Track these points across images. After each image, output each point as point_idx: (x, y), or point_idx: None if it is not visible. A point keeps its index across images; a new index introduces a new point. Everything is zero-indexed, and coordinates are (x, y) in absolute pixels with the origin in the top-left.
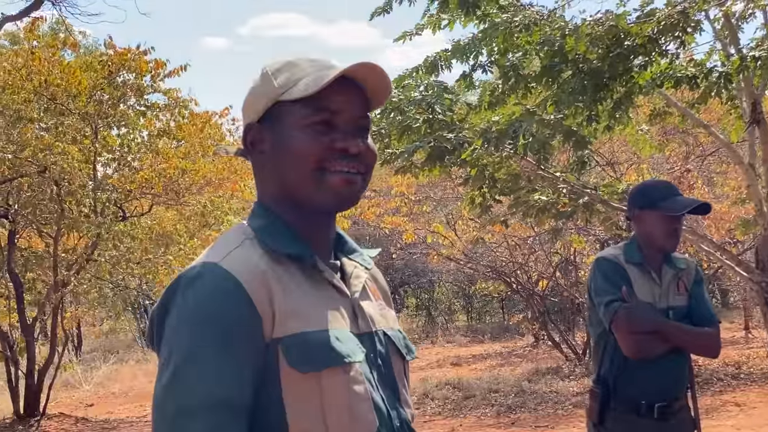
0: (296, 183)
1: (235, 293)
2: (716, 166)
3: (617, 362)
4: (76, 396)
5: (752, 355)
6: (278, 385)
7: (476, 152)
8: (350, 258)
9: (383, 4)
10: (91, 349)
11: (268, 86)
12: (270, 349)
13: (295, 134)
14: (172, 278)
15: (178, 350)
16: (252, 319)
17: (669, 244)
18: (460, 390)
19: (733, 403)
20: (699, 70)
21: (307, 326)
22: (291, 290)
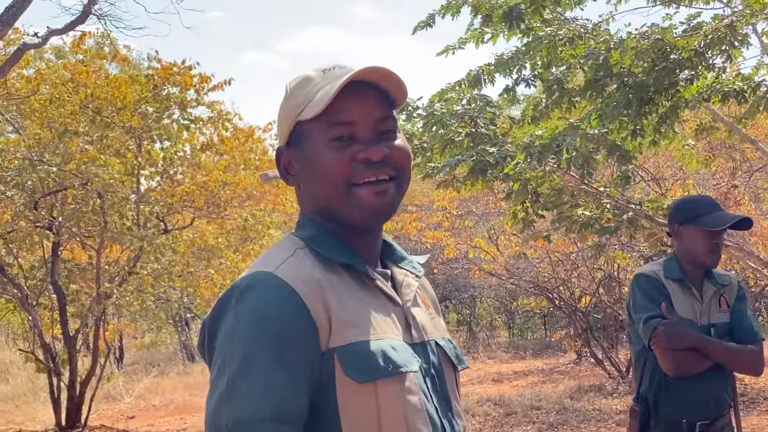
0: (329, 201)
1: (290, 302)
2: (763, 182)
3: (657, 380)
4: (118, 408)
5: None
6: (334, 395)
7: (519, 166)
8: (400, 266)
9: (426, 18)
10: (132, 362)
11: (289, 107)
12: (326, 359)
13: (318, 153)
14: (215, 292)
15: (232, 361)
16: (308, 328)
17: (710, 260)
18: (502, 407)
19: None
20: (747, 84)
21: (362, 336)
22: (345, 299)
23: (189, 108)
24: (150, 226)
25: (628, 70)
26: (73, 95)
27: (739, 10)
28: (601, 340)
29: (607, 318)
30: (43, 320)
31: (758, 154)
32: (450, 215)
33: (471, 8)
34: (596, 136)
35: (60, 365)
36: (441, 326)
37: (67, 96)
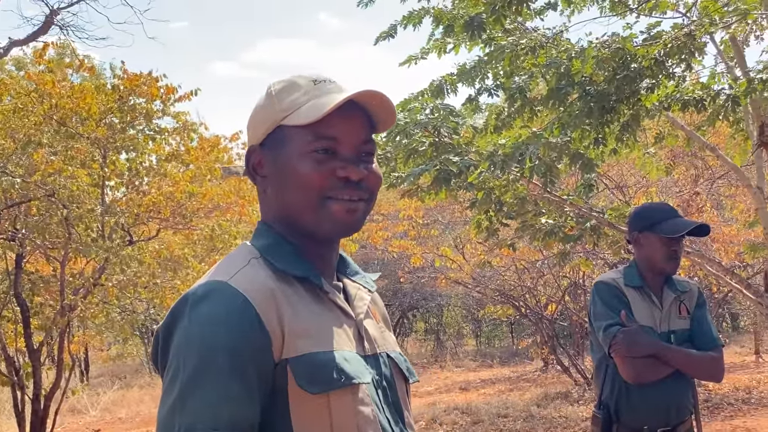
0: (298, 210)
1: (244, 312)
2: (725, 189)
3: (618, 387)
4: (83, 421)
5: (763, 380)
6: (286, 405)
7: (482, 175)
8: (353, 280)
9: (388, 28)
10: (98, 374)
11: (271, 108)
12: (279, 369)
13: (298, 161)
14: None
15: (185, 369)
16: (261, 338)
17: (669, 267)
18: (469, 415)
19: (744, 428)
20: (706, 92)
21: (315, 347)
22: (299, 310)
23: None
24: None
25: (590, 79)
26: (38, 105)
27: (698, 20)
28: (567, 348)
29: (573, 325)
30: (6, 333)
31: (719, 162)
32: (416, 224)
33: (432, 19)
34: (559, 144)
35: (24, 378)
36: (392, 340)
37: (31, 106)
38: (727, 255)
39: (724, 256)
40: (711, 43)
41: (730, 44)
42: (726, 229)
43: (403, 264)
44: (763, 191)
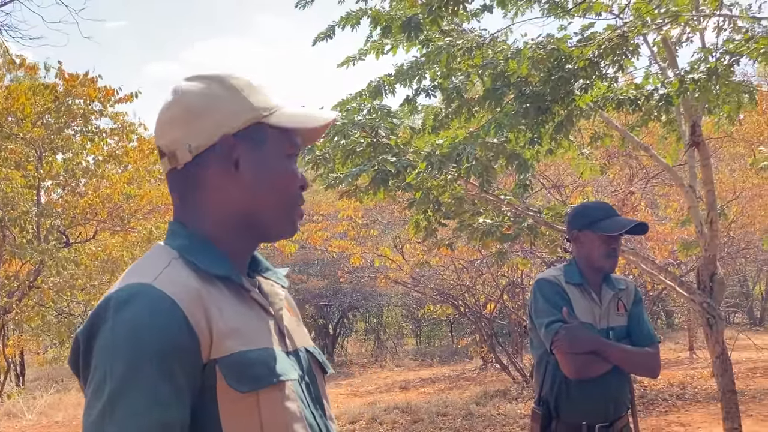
0: (271, 209)
1: (172, 315)
2: (659, 188)
3: (558, 383)
4: (19, 425)
5: (696, 376)
6: (215, 406)
7: (420, 175)
8: (265, 277)
9: (326, 29)
10: (34, 378)
11: (242, 102)
12: (207, 370)
13: (280, 162)
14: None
15: (113, 375)
16: (190, 340)
17: (608, 265)
18: (409, 414)
19: (678, 423)
20: (640, 92)
21: (243, 346)
22: (224, 310)
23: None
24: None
25: (525, 80)
26: None
27: (631, 21)
28: (506, 346)
29: (511, 324)
30: None
31: (653, 162)
32: (355, 224)
33: (370, 20)
34: (495, 145)
35: None
36: (306, 334)
37: None
38: (661, 253)
39: (658, 254)
40: (644, 44)
41: (662, 45)
42: (660, 227)
43: (342, 264)
44: (695, 190)
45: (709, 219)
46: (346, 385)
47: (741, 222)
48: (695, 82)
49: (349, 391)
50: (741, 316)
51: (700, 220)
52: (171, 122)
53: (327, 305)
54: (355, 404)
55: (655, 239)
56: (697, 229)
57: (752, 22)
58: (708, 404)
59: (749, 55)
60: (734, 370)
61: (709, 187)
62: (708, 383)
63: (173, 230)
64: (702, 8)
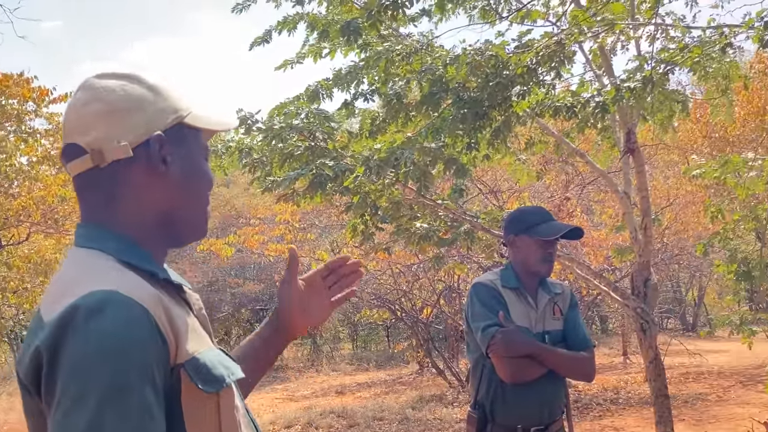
0: (191, 209)
1: (146, 322)
2: (595, 194)
3: (494, 387)
4: None
5: (630, 381)
6: (179, 409)
7: (358, 180)
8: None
9: (263, 33)
10: None
11: (166, 101)
12: (174, 373)
13: (201, 162)
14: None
15: (98, 387)
16: (162, 347)
17: (544, 269)
18: (345, 418)
19: (612, 427)
20: (577, 100)
21: (201, 347)
22: (178, 313)
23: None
24: None
25: (463, 86)
26: None
27: (568, 29)
28: (443, 351)
29: (448, 328)
30: None
31: (589, 168)
32: (293, 228)
33: (307, 24)
34: (433, 149)
35: None
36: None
37: None
38: (596, 259)
39: (593, 259)
40: (580, 51)
41: (598, 53)
42: (595, 233)
43: (279, 268)
44: (630, 197)
45: (643, 225)
46: (282, 390)
47: (675, 228)
48: (631, 90)
49: (284, 395)
50: (674, 322)
51: (634, 226)
52: (96, 119)
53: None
54: (291, 409)
55: (591, 245)
56: (632, 235)
57: (685, 32)
58: (641, 408)
59: (682, 64)
60: (667, 375)
61: (643, 193)
62: (641, 388)
63: (97, 233)
64: (637, 17)
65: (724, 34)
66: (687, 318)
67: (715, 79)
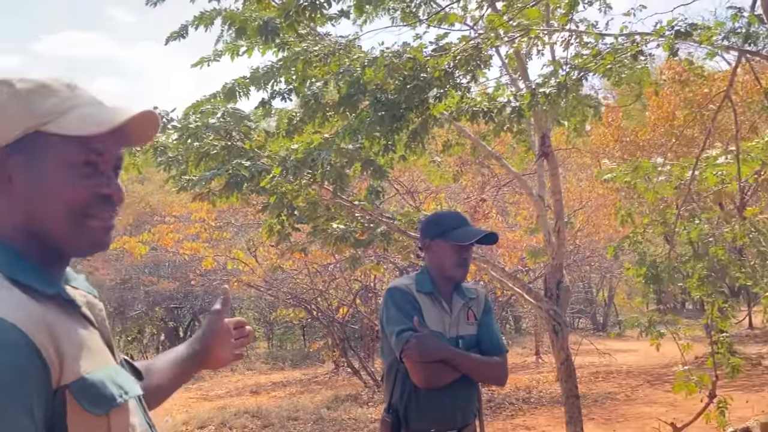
0: (53, 224)
1: (22, 346)
2: (510, 196)
3: (408, 391)
4: None
5: (542, 380)
6: (65, 431)
7: (275, 180)
8: (74, 286)
9: (179, 28)
10: None
11: (23, 109)
12: (57, 397)
13: (59, 173)
14: None
15: None
16: (43, 372)
17: (458, 274)
18: (259, 418)
19: (524, 426)
20: (493, 104)
21: (90, 367)
22: (65, 331)
23: None
24: None
25: (381, 88)
26: None
27: (485, 33)
28: (358, 350)
29: (364, 328)
30: None
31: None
32: (208, 226)
33: (223, 21)
34: (350, 151)
35: None
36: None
37: None
38: (511, 260)
39: (508, 260)
40: (497, 55)
41: (514, 57)
42: (510, 234)
43: (194, 266)
44: (544, 199)
45: (556, 228)
46: (196, 389)
47: (587, 231)
48: (546, 95)
49: (198, 395)
50: (585, 322)
51: (548, 228)
52: None
53: (178, 308)
54: (205, 409)
55: (506, 246)
56: (546, 238)
57: (599, 39)
58: (552, 408)
59: (595, 70)
60: (578, 375)
61: (557, 196)
62: (553, 387)
63: None
64: (552, 22)
65: (635, 42)
66: (597, 318)
67: (628, 84)
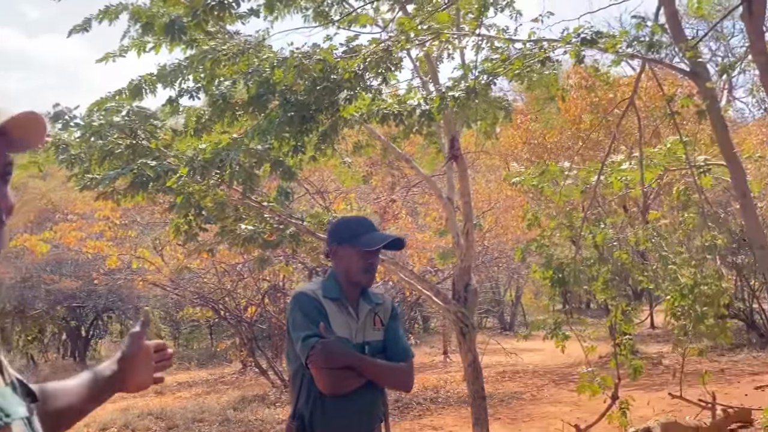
0: None
1: None
2: (420, 197)
3: (313, 397)
4: None
5: (450, 380)
6: None
7: (182, 180)
8: None
9: (82, 21)
10: None
11: None
12: None
13: None
14: None
15: None
16: None
17: (365, 279)
18: (163, 420)
19: (431, 427)
20: (403, 107)
21: None
22: None
23: None
24: None
25: (291, 89)
26: None
27: (395, 36)
28: (266, 350)
29: (272, 328)
30: None
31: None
32: (113, 225)
33: (130, 15)
34: (259, 151)
35: None
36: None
37: None
38: (420, 261)
39: (417, 261)
40: (408, 58)
41: (425, 60)
42: (419, 235)
43: (98, 265)
44: (453, 202)
45: (465, 230)
46: None
47: (495, 232)
48: (455, 99)
49: None
50: (492, 321)
51: (457, 231)
52: None
53: (80, 307)
54: (107, 410)
55: (415, 247)
56: (454, 240)
57: (508, 44)
58: (460, 408)
59: (504, 75)
60: (485, 374)
61: (466, 199)
62: (460, 387)
63: None
64: (462, 26)
65: (543, 48)
66: (505, 317)
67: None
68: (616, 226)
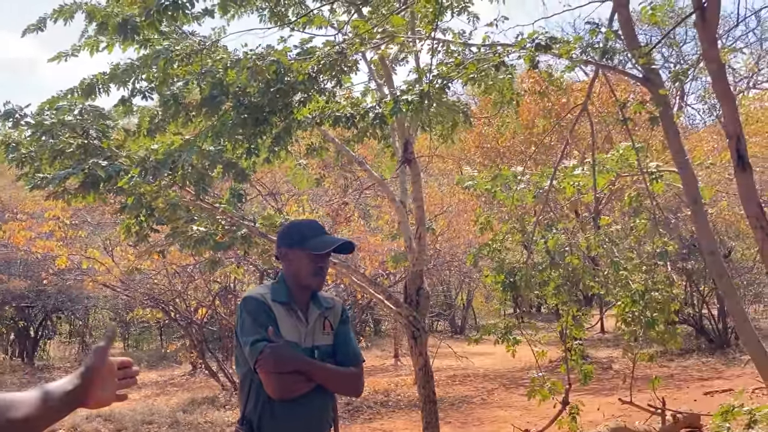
0: None
1: None
2: (372, 199)
3: (262, 402)
4: None
5: (401, 383)
6: None
7: (133, 180)
8: None
9: (37, 21)
10: None
11: None
12: None
13: None
14: None
15: None
16: None
17: (315, 282)
18: (112, 422)
19: (381, 430)
20: (357, 110)
21: None
22: None
23: None
24: None
25: (244, 90)
26: None
27: (350, 38)
28: (216, 352)
29: (222, 329)
30: None
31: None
32: (63, 225)
33: (85, 15)
34: (212, 153)
35: None
36: None
37: None
38: (372, 264)
39: (369, 264)
40: (363, 61)
41: (380, 63)
42: (372, 238)
43: (47, 266)
44: (405, 205)
45: (417, 234)
46: None
47: (448, 235)
48: (408, 103)
49: None
50: (444, 325)
51: (409, 234)
52: None
53: (29, 307)
54: None
55: (367, 250)
56: (407, 244)
57: (463, 48)
58: (410, 411)
59: (459, 78)
60: (435, 378)
61: (418, 203)
62: (411, 390)
63: None
64: (418, 29)
65: (498, 53)
66: (456, 321)
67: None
68: (567, 231)
